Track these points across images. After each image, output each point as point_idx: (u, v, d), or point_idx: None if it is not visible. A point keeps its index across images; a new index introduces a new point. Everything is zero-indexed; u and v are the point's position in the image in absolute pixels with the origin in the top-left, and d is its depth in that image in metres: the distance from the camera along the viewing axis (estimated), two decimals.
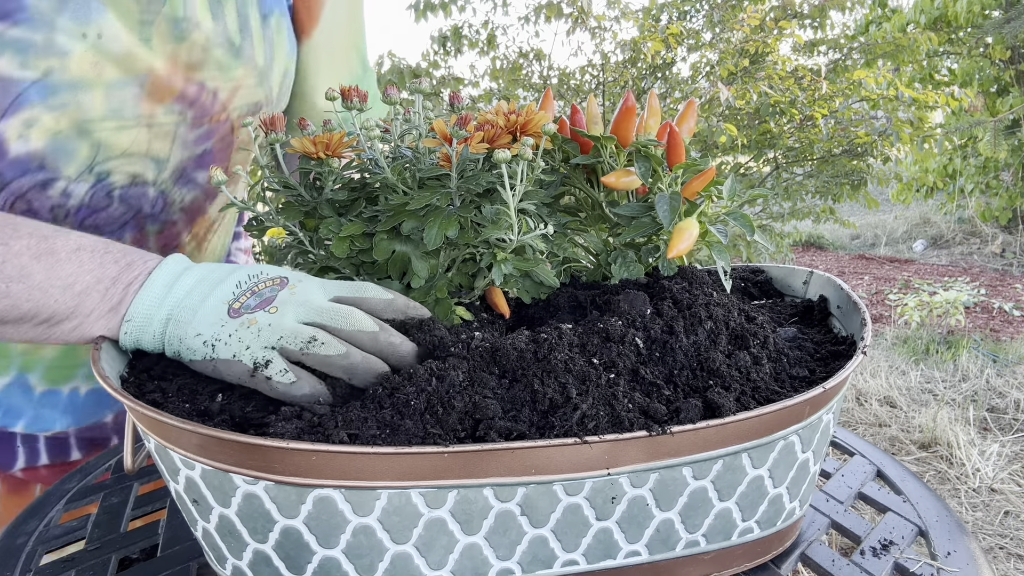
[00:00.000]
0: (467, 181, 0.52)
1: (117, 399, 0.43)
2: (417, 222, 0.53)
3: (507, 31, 3.93)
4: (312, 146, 0.55)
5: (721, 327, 0.50)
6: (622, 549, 0.45)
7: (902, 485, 0.61)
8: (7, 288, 0.48)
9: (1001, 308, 3.95)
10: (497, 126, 0.52)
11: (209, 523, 0.43)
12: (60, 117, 0.57)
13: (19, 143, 0.57)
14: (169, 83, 0.62)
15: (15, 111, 0.55)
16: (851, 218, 5.06)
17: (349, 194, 0.57)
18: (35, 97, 0.56)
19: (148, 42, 0.60)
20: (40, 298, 0.48)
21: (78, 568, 0.53)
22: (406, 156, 0.56)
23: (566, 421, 0.42)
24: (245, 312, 0.47)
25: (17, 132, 0.56)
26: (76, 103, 0.58)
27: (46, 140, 0.58)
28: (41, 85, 0.56)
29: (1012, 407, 2.56)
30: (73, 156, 0.60)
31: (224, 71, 0.66)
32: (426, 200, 0.51)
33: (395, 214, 0.53)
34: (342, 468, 0.38)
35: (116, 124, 0.61)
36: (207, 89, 0.65)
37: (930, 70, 5.42)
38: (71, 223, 0.63)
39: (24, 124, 0.56)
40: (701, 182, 0.56)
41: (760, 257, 3.04)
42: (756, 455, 0.44)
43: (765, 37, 3.07)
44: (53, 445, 0.75)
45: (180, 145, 0.66)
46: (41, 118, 0.57)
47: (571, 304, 0.57)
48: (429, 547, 0.42)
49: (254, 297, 0.48)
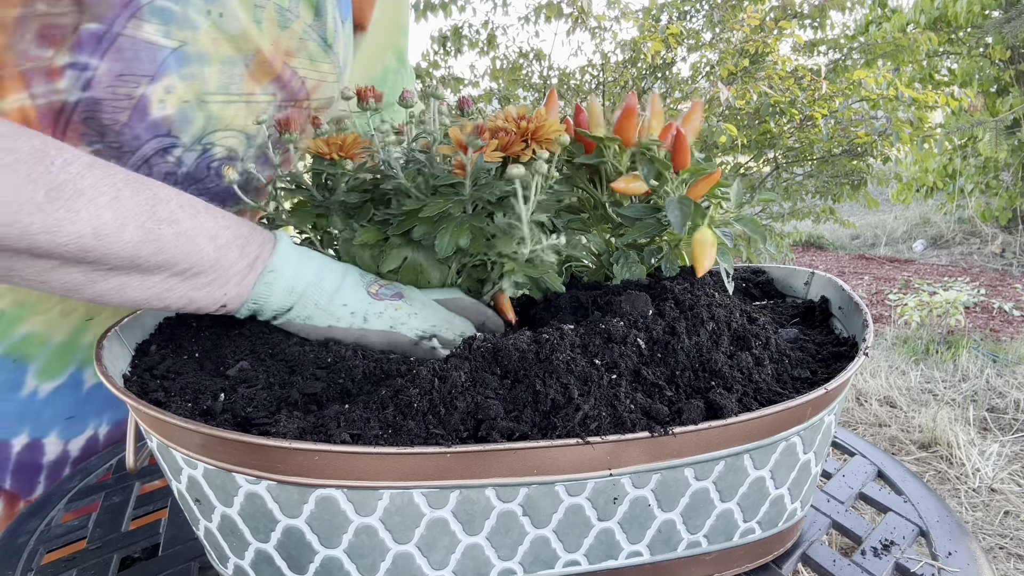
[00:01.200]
0: (480, 189, 0.52)
1: (120, 398, 0.43)
2: (429, 227, 0.53)
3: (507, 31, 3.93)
4: (325, 147, 0.55)
5: (723, 328, 0.51)
6: (624, 550, 0.45)
7: (903, 485, 0.61)
8: (157, 230, 0.47)
9: (1001, 308, 3.96)
10: (510, 133, 0.53)
11: (211, 522, 0.43)
12: (188, 87, 0.61)
13: (159, 107, 0.60)
14: (271, 65, 0.66)
15: (159, 77, 0.58)
16: (851, 218, 5.07)
17: (360, 196, 0.57)
18: (173, 66, 0.59)
19: (259, 24, 0.64)
20: (186, 245, 0.48)
21: (79, 567, 0.53)
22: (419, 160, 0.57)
23: (568, 422, 0.42)
24: (384, 298, 0.54)
25: (159, 97, 0.59)
26: (200, 75, 0.61)
27: (176, 107, 0.61)
28: (178, 54, 0.59)
29: (1012, 407, 2.56)
30: (191, 125, 0.63)
31: (314, 63, 0.71)
32: (439, 208, 0.52)
33: (407, 218, 0.54)
34: (344, 468, 0.38)
35: (224, 98, 0.64)
36: (298, 76, 0.70)
37: (930, 70, 5.42)
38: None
39: (165, 90, 0.59)
40: (706, 184, 0.56)
41: (760, 258, 3.04)
42: (758, 456, 0.44)
43: (765, 37, 3.07)
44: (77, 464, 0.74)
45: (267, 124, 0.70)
46: (176, 86, 0.60)
47: (573, 304, 0.57)
48: (431, 547, 0.42)
49: (384, 288, 0.55)
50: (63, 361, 0.70)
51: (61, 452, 0.73)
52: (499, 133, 0.52)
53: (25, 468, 0.71)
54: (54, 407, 0.71)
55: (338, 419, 0.41)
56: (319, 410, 0.45)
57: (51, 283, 0.45)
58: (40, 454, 0.71)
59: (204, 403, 0.45)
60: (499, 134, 0.52)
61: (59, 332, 0.68)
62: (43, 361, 0.69)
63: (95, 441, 0.76)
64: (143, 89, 0.58)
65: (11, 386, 0.68)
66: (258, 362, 0.51)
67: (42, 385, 0.69)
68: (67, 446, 0.73)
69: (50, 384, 0.70)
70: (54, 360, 0.69)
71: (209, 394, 0.46)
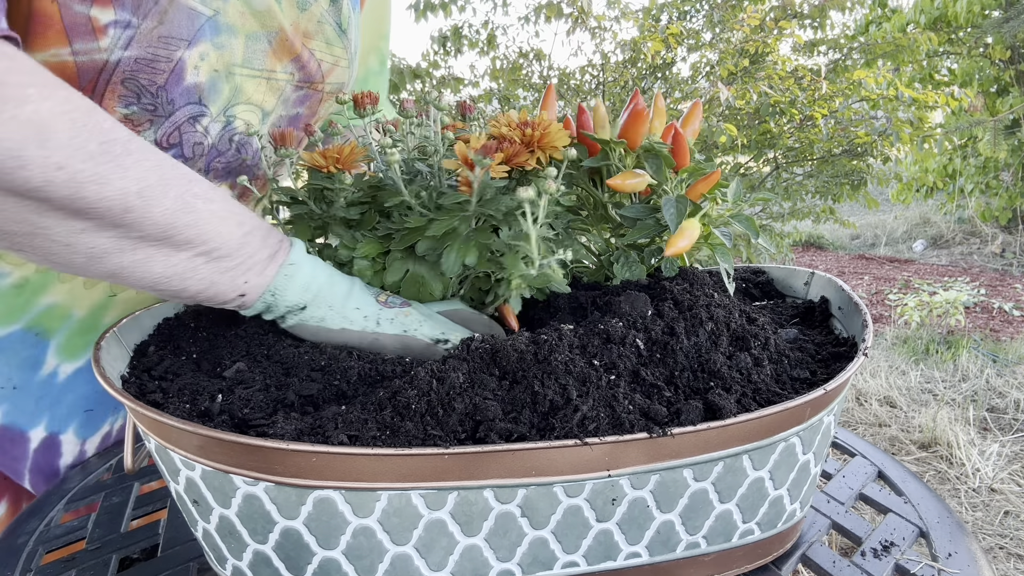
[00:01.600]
0: (486, 205, 0.52)
1: (118, 399, 0.43)
2: (433, 243, 0.53)
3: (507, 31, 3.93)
4: (322, 160, 0.54)
5: (722, 328, 0.50)
6: (622, 551, 0.45)
7: (903, 486, 0.61)
8: (194, 203, 0.47)
9: (1001, 308, 3.95)
10: (515, 143, 0.52)
11: (209, 524, 0.43)
12: (219, 56, 0.62)
13: (193, 73, 0.60)
14: (291, 44, 0.68)
15: (196, 43, 0.59)
16: (851, 218, 5.06)
17: (360, 208, 0.57)
18: (208, 33, 0.60)
19: (280, 3, 0.65)
20: (218, 225, 0.49)
21: (78, 568, 0.53)
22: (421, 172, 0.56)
23: (567, 423, 0.42)
24: (394, 306, 0.55)
25: (194, 63, 0.60)
26: (230, 46, 0.62)
27: (208, 76, 0.62)
28: (212, 23, 0.60)
29: (1012, 407, 2.56)
30: (220, 95, 0.64)
31: (330, 47, 0.73)
32: (445, 226, 0.51)
33: (410, 234, 0.53)
34: (342, 469, 0.38)
35: (248, 72, 0.66)
36: (315, 58, 0.71)
37: (930, 70, 5.41)
38: (202, 163, 0.67)
39: (199, 56, 0.60)
40: (706, 184, 0.56)
41: (760, 258, 3.04)
42: (757, 457, 0.44)
43: (765, 37, 3.06)
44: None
45: (283, 102, 0.72)
46: (209, 54, 0.61)
47: (572, 305, 0.57)
48: (429, 548, 0.41)
49: (392, 298, 0.56)
50: (84, 340, 0.70)
51: (78, 453, 0.73)
52: (503, 143, 0.52)
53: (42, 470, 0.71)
54: (73, 394, 0.70)
55: (335, 420, 0.41)
56: (316, 411, 0.45)
57: (76, 247, 0.45)
58: (57, 455, 0.71)
59: (202, 404, 0.44)
60: (503, 144, 0.51)
61: (81, 305, 0.68)
62: (64, 337, 0.68)
63: (108, 440, 0.75)
64: (181, 52, 0.58)
65: (32, 364, 0.67)
66: (254, 363, 0.51)
67: (62, 365, 0.69)
68: (83, 446, 0.73)
69: (70, 365, 0.69)
70: (75, 338, 0.69)
71: (207, 395, 0.46)
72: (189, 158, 0.65)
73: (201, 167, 0.67)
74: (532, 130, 0.53)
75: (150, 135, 0.61)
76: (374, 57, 0.94)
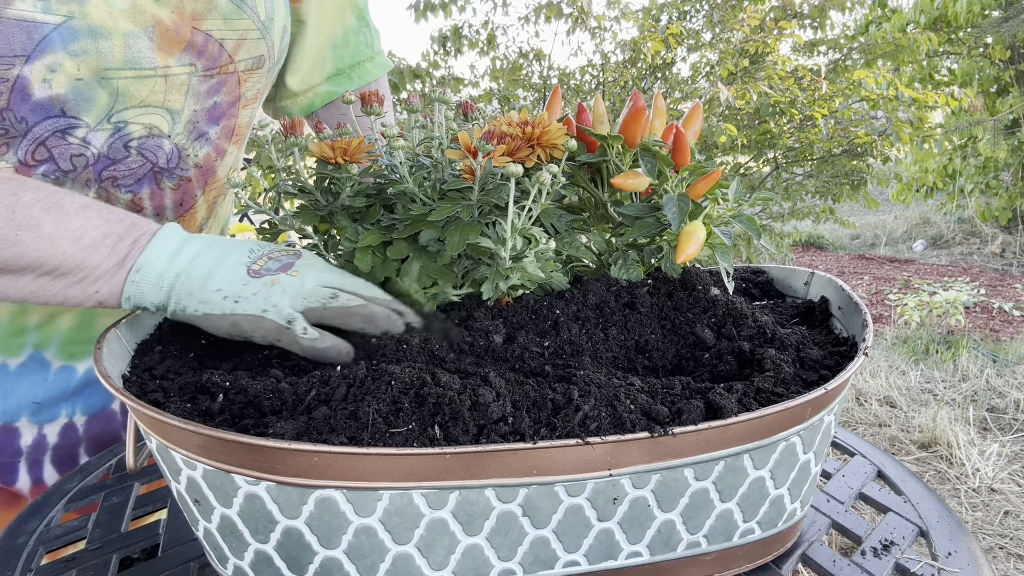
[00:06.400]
0: (488, 194, 0.52)
1: (119, 398, 0.43)
2: (435, 232, 0.53)
3: (507, 31, 3.93)
4: (330, 151, 0.55)
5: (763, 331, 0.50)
6: (623, 550, 0.45)
7: (903, 485, 0.61)
8: (16, 236, 0.49)
9: (1001, 308, 3.96)
10: (516, 139, 0.53)
11: (211, 523, 0.43)
12: (81, 64, 0.59)
13: (42, 87, 0.58)
14: (177, 33, 0.64)
15: (39, 55, 0.56)
16: (851, 218, 5.07)
17: (365, 200, 0.57)
18: (57, 42, 0.57)
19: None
20: (48, 248, 0.50)
21: (79, 568, 0.53)
22: (425, 165, 0.56)
23: (568, 422, 0.42)
24: (267, 274, 0.52)
25: (41, 76, 0.57)
26: (96, 50, 0.59)
27: (68, 86, 0.59)
28: (63, 30, 0.57)
29: (1012, 407, 2.56)
30: (93, 103, 0.61)
31: (229, 22, 0.68)
32: (448, 212, 0.52)
33: (413, 223, 0.54)
34: (344, 469, 0.38)
35: (134, 74, 0.62)
36: (213, 39, 0.67)
37: (930, 70, 5.42)
38: (91, 174, 0.64)
39: (47, 69, 0.57)
40: (706, 184, 0.56)
41: (760, 257, 3.04)
42: (757, 456, 0.44)
43: (765, 37, 3.07)
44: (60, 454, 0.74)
45: (193, 97, 0.68)
46: (63, 63, 0.58)
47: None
48: (431, 548, 0.42)
49: (272, 261, 0.53)
50: (17, 341, 0.69)
51: (37, 436, 0.73)
52: (505, 139, 0.52)
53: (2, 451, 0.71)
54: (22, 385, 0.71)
55: (328, 421, 0.41)
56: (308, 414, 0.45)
57: None
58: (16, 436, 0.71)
59: (203, 403, 0.44)
60: (505, 139, 0.52)
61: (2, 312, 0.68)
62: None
63: (73, 430, 0.75)
64: (18, 69, 0.55)
65: None
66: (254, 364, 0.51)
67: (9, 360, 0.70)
68: (42, 430, 0.73)
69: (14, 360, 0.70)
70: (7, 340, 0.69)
71: (208, 394, 0.46)
72: (68, 171, 0.63)
73: (91, 177, 0.64)
74: (532, 128, 0.53)
75: (11, 156, 0.59)
76: (350, 13, 0.87)
